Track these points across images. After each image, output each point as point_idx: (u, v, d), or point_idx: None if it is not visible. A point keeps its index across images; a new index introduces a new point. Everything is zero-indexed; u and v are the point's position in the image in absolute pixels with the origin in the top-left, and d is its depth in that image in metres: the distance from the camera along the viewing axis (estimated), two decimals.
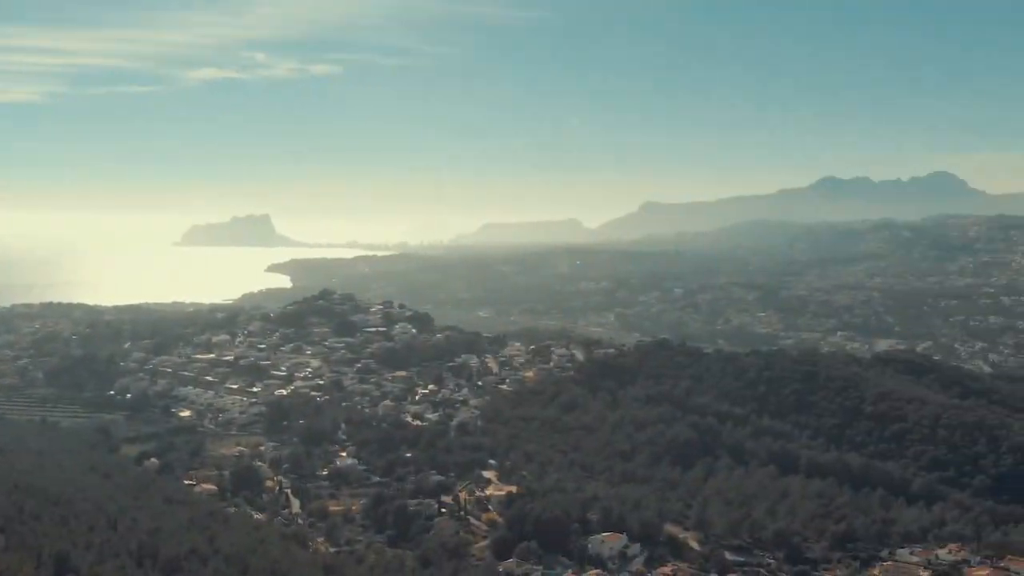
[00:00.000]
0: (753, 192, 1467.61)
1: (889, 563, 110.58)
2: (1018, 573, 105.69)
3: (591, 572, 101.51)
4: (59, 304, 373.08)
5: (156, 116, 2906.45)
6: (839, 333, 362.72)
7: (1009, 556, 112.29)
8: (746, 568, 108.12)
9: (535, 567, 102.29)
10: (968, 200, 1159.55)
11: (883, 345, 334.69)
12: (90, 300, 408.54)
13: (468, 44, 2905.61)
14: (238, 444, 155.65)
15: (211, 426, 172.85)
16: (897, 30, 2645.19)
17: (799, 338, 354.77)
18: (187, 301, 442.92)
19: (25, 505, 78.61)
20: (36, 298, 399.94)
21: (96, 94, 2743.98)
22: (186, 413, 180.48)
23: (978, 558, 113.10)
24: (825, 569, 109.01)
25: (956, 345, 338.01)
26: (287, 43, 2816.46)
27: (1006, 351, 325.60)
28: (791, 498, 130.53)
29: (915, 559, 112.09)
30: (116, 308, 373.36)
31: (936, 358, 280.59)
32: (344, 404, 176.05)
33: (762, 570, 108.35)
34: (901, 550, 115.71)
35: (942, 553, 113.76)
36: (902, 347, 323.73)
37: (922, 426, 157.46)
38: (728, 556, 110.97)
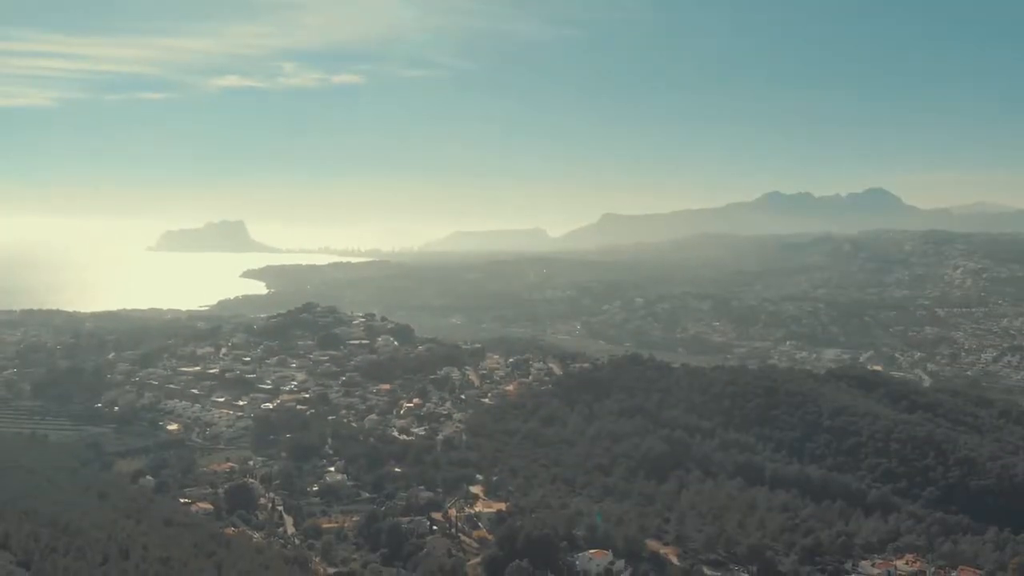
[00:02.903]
0: (704, 206, 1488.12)
1: None
2: None
3: None
4: (39, 311, 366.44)
5: (143, 122, 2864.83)
6: (788, 343, 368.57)
7: (962, 567, 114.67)
8: None
9: None
10: (902, 215, 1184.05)
11: (830, 354, 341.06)
12: (69, 307, 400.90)
13: (445, 62, 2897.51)
14: (228, 460, 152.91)
15: (199, 440, 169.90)
16: (836, 56, 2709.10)
17: (752, 347, 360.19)
18: (164, 308, 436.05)
19: (40, 535, 76.62)
20: (17, 303, 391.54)
21: (112, 100, 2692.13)
22: (173, 427, 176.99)
23: (933, 569, 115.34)
24: None
25: (896, 355, 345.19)
26: (306, 53, 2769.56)
27: (942, 360, 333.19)
28: (759, 511, 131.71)
29: (876, 572, 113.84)
30: (95, 315, 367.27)
31: (879, 368, 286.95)
32: (331, 418, 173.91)
33: None
34: (864, 562, 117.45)
35: (900, 564, 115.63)
36: (847, 357, 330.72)
37: (875, 440, 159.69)
38: (707, 571, 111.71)
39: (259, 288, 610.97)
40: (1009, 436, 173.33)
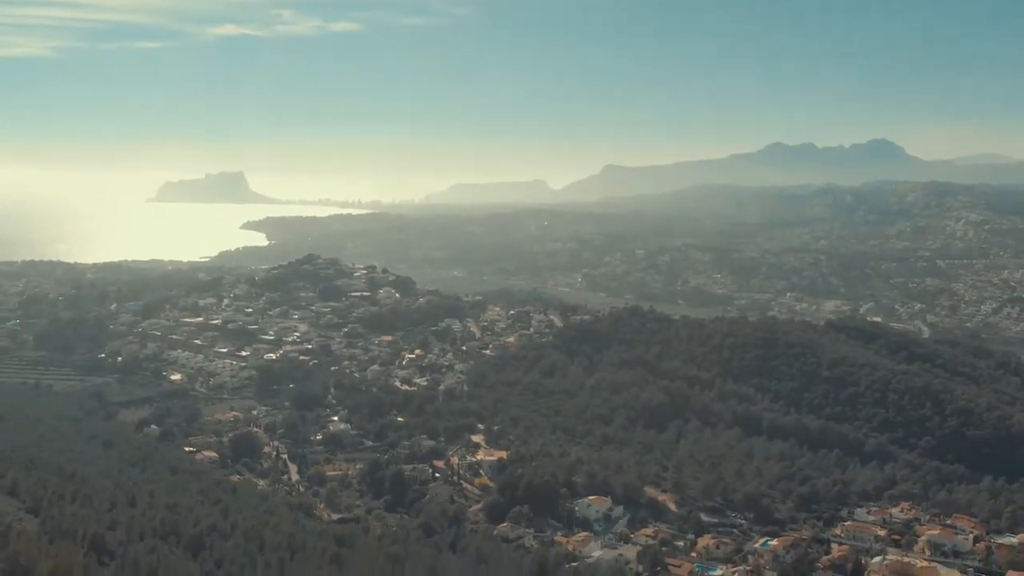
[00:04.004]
0: (706, 157, 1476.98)
1: (849, 523, 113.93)
2: (964, 530, 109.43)
3: (579, 534, 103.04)
4: (41, 262, 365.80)
5: (144, 74, 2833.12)
6: (789, 294, 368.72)
7: (956, 514, 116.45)
8: (720, 529, 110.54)
9: (527, 530, 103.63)
10: (906, 167, 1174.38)
11: (830, 306, 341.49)
12: (70, 258, 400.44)
13: (443, 9, 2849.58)
14: (231, 409, 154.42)
15: (202, 390, 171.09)
16: (840, 6, 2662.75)
17: (752, 298, 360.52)
18: (166, 259, 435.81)
19: (47, 483, 77.56)
20: (18, 255, 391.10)
21: (109, 49, 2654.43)
22: (177, 377, 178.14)
23: (928, 516, 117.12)
24: (792, 529, 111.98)
25: (896, 306, 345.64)
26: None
27: (942, 312, 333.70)
28: (756, 459, 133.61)
29: (871, 519, 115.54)
30: (96, 266, 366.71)
31: (878, 319, 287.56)
32: (333, 368, 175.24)
33: (735, 531, 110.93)
34: (859, 509, 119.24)
35: (896, 512, 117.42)
36: (847, 308, 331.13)
37: (873, 390, 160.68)
38: (704, 518, 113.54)
39: (259, 240, 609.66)
40: (1006, 387, 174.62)
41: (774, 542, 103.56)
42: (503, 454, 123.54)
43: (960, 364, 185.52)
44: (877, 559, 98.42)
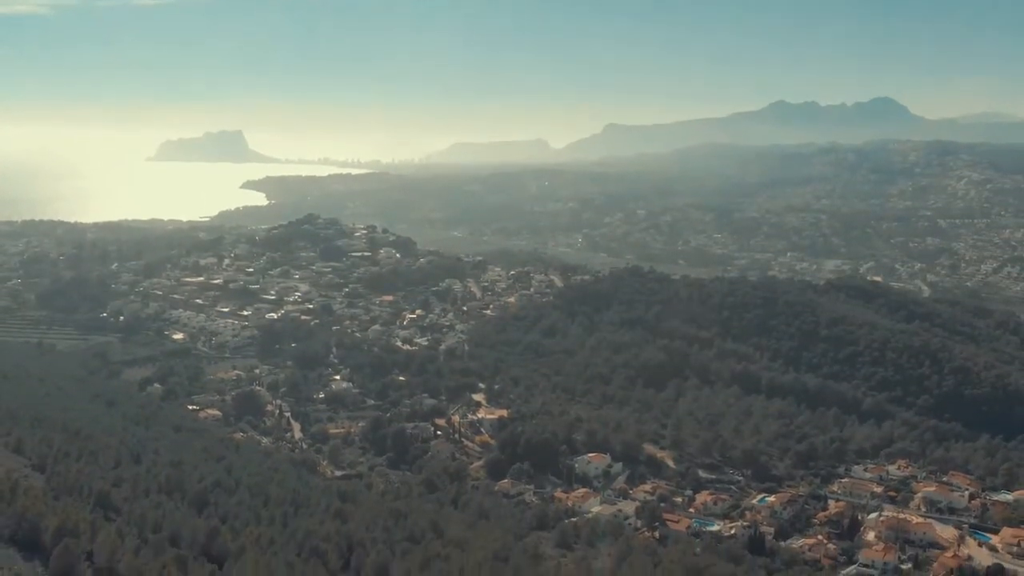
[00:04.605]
0: (709, 116, 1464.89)
1: (846, 480, 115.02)
2: (960, 487, 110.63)
3: (579, 490, 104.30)
4: (41, 222, 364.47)
5: (137, 29, 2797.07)
6: (789, 254, 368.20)
7: (952, 472, 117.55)
8: (718, 485, 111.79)
9: (527, 486, 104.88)
10: (909, 125, 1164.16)
11: (830, 265, 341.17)
12: (70, 217, 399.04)
13: None
14: (234, 368, 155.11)
15: (205, 349, 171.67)
16: None
17: (753, 258, 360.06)
18: (166, 218, 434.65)
19: (53, 441, 78.21)
20: (18, 214, 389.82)
21: (106, 6, 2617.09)
22: (179, 336, 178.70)
23: (924, 473, 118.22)
24: (789, 486, 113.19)
25: (897, 266, 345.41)
26: None
27: (942, 271, 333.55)
28: (755, 417, 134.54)
29: (868, 476, 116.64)
30: (97, 226, 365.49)
31: (878, 279, 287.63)
32: (335, 328, 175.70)
33: (732, 487, 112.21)
34: (856, 467, 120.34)
35: (892, 469, 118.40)
36: (847, 268, 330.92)
37: (872, 349, 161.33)
38: (702, 474, 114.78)
39: (259, 199, 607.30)
40: (1005, 346, 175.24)
41: (771, 498, 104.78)
42: (504, 412, 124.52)
43: (959, 323, 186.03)
44: (873, 515, 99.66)
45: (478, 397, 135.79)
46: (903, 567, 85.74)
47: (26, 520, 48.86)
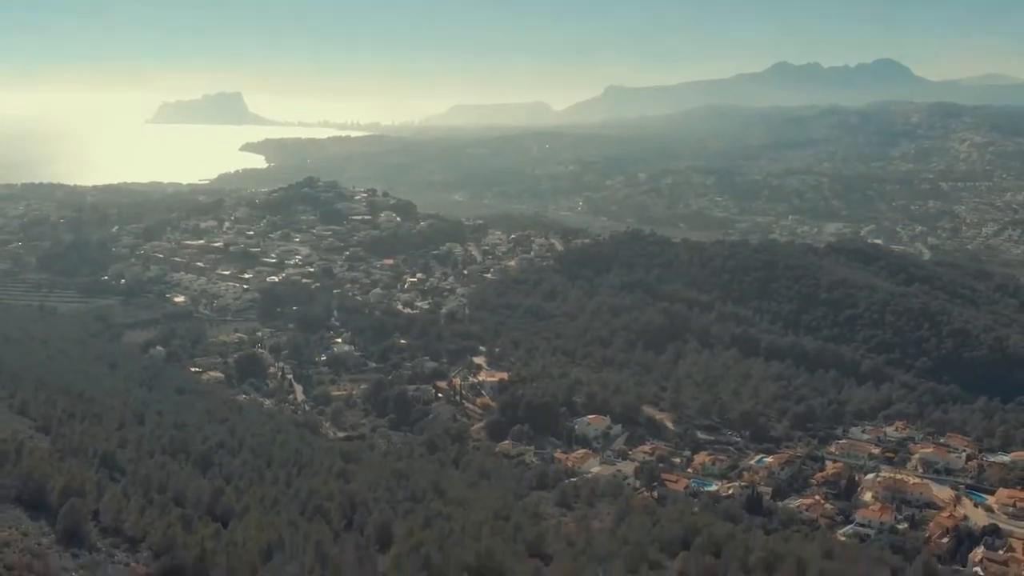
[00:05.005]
0: (712, 77, 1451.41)
1: (844, 441, 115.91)
2: (957, 448, 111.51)
3: (578, 451, 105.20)
4: (41, 185, 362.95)
5: None
6: (791, 217, 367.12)
7: (949, 433, 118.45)
8: (716, 446, 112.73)
9: (528, 447, 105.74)
10: (912, 87, 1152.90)
11: (831, 228, 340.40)
12: (70, 180, 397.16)
13: None
14: (236, 331, 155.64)
15: (206, 312, 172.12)
16: None
17: (754, 221, 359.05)
18: (165, 181, 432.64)
19: (57, 402, 78.66)
20: (17, 177, 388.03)
21: None
22: (180, 299, 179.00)
23: (921, 435, 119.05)
24: (787, 447, 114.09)
25: (898, 229, 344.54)
26: None
27: (943, 234, 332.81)
28: (753, 380, 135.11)
29: (866, 437, 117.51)
30: (96, 189, 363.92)
31: (879, 242, 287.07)
32: (335, 291, 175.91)
33: (730, 448, 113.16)
34: (854, 428, 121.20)
35: (890, 431, 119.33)
36: (848, 231, 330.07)
37: (871, 312, 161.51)
38: (700, 435, 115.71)
39: (258, 162, 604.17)
40: (1004, 308, 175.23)
41: (769, 459, 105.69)
42: (504, 375, 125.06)
43: (959, 286, 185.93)
44: (870, 476, 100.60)
45: (479, 360, 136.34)
46: (899, 527, 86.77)
47: (32, 480, 49.27)
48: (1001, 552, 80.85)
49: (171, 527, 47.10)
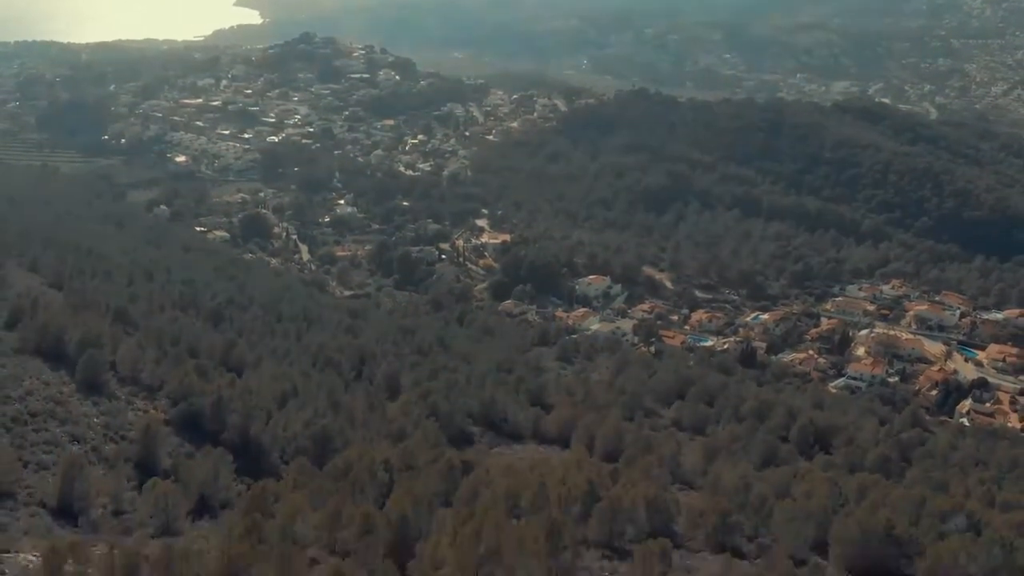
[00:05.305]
0: None
1: (840, 299, 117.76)
2: (952, 306, 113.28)
3: (579, 310, 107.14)
4: (35, 43, 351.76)
5: None
6: (799, 75, 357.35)
7: (945, 291, 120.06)
8: (713, 304, 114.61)
9: (529, 307, 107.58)
10: None
11: (839, 87, 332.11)
12: (63, 37, 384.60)
13: None
14: (238, 191, 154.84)
15: (208, 171, 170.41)
16: None
17: (761, 80, 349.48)
18: (160, 38, 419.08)
19: (67, 261, 79.21)
20: (9, 34, 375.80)
21: None
22: (182, 159, 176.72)
23: (917, 293, 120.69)
24: (784, 304, 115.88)
25: (906, 87, 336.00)
26: None
27: (952, 93, 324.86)
28: (753, 240, 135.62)
29: (862, 295, 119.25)
30: (90, 46, 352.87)
31: (886, 100, 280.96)
32: (336, 152, 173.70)
33: (727, 306, 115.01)
34: (850, 286, 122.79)
35: (886, 289, 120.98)
36: (856, 89, 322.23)
37: (874, 171, 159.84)
38: (698, 294, 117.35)
39: (253, 17, 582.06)
40: (1008, 168, 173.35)
41: (765, 316, 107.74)
42: (506, 237, 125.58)
43: (964, 146, 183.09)
44: (864, 332, 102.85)
45: (481, 222, 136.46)
46: (890, 380, 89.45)
47: (49, 333, 50.34)
48: (988, 404, 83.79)
49: (187, 376, 48.52)
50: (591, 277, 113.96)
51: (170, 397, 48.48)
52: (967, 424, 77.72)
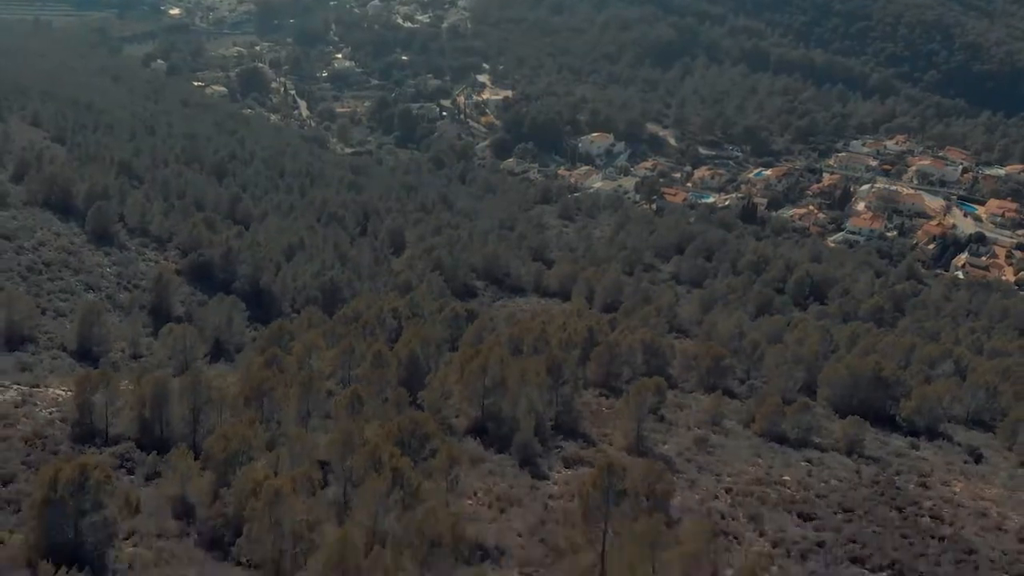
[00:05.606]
0: None
1: (843, 154, 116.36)
2: (954, 161, 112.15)
3: (581, 168, 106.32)
4: None
5: None
6: None
7: (949, 146, 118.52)
8: (717, 161, 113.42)
9: (532, 164, 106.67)
10: None
11: None
12: None
13: None
14: (234, 44, 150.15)
15: (203, 25, 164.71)
16: None
17: None
18: None
19: (68, 115, 77.82)
20: None
21: None
22: (176, 11, 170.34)
23: (921, 148, 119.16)
24: (787, 160, 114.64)
25: None
26: None
27: None
28: (759, 94, 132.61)
29: (866, 150, 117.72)
30: None
31: None
32: (332, 3, 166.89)
33: (731, 162, 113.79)
34: (855, 142, 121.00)
35: (890, 144, 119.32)
36: None
37: (884, 24, 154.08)
38: (702, 151, 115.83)
39: None
40: (1020, 22, 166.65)
41: (767, 172, 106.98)
42: (508, 93, 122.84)
43: None
44: (865, 187, 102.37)
45: (483, 78, 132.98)
46: (888, 234, 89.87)
47: (57, 186, 50.34)
48: (984, 258, 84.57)
49: (196, 228, 48.94)
50: (594, 135, 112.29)
51: (180, 248, 49.12)
52: (962, 277, 78.67)
